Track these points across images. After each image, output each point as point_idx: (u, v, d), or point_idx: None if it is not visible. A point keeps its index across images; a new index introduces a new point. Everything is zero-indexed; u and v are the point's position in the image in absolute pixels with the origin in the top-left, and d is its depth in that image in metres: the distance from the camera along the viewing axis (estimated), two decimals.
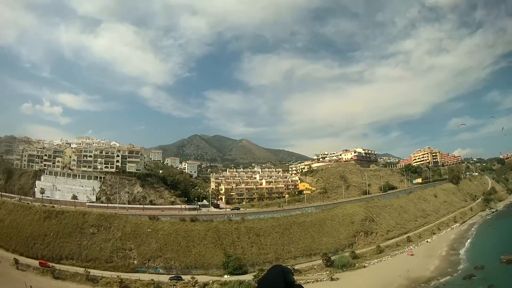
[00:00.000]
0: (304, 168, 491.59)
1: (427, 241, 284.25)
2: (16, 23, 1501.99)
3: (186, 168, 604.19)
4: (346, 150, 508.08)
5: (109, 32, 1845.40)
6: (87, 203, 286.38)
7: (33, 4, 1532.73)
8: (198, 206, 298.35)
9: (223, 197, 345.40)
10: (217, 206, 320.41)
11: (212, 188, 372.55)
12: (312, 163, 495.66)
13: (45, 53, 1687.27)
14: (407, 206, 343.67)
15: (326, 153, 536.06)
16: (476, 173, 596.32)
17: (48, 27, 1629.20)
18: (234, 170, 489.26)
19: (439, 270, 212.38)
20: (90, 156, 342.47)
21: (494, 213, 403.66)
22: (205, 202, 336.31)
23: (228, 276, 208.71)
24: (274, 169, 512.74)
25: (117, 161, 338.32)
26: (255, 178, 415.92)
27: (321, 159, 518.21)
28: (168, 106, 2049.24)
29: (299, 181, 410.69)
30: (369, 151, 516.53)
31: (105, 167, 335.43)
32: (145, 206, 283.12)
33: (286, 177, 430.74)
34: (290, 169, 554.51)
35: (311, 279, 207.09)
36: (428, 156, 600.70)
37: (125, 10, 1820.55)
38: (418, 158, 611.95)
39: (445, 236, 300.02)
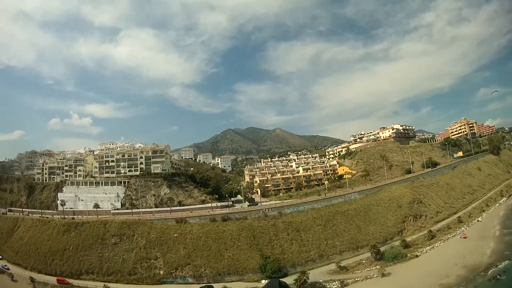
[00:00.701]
0: (341, 151, 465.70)
1: (477, 220, 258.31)
2: (33, 43, 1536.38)
3: (220, 163, 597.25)
4: (383, 127, 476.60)
5: (129, 39, 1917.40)
6: (111, 211, 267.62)
7: (47, 22, 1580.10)
8: (231, 203, 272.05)
9: (258, 190, 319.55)
10: (252, 200, 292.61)
11: (247, 182, 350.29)
12: (350, 145, 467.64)
13: (67, 68, 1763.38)
14: (453, 183, 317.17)
15: (362, 133, 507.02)
16: None
17: (66, 42, 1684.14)
18: (269, 160, 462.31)
19: (496, 254, 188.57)
20: (113, 161, 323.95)
21: None
22: (239, 197, 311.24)
23: (267, 280, 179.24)
24: (310, 155, 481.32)
25: (141, 163, 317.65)
26: (291, 166, 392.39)
27: (358, 140, 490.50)
28: (198, 104, 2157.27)
29: (337, 165, 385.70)
30: (407, 127, 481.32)
31: (129, 170, 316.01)
32: (172, 208, 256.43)
33: (323, 162, 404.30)
34: (326, 153, 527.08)
35: (360, 276, 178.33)
36: (465, 128, 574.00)
37: (142, 16, 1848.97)
38: (456, 131, 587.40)
39: (494, 213, 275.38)
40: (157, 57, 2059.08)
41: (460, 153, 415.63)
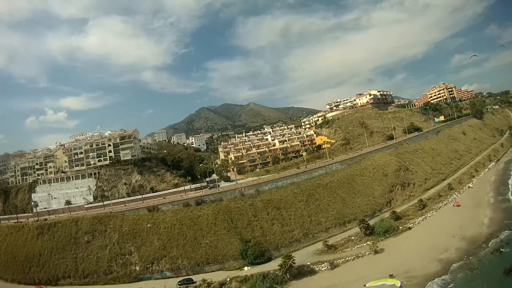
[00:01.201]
0: (317, 120, 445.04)
1: (468, 187, 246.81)
2: (3, 44, 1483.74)
3: (194, 143, 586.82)
4: (360, 94, 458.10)
5: (98, 28, 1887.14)
6: (85, 205, 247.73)
7: (16, 22, 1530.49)
8: (206, 184, 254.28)
9: (234, 167, 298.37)
10: (227, 179, 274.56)
11: (222, 159, 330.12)
12: (326, 114, 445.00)
13: (38, 65, 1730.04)
14: (439, 148, 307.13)
15: (338, 100, 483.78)
16: (497, 106, 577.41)
17: (36, 39, 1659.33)
18: (243, 135, 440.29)
19: (495, 223, 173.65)
20: (81, 153, 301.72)
21: None
22: (214, 176, 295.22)
23: (249, 267, 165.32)
24: (286, 127, 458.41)
25: (110, 151, 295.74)
26: (267, 139, 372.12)
27: (334, 108, 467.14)
28: (171, 85, 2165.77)
29: (315, 135, 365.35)
30: (385, 92, 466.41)
31: (98, 160, 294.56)
32: (144, 196, 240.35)
33: (300, 133, 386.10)
34: (302, 124, 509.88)
35: (350, 255, 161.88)
36: (444, 92, 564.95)
37: (109, 3, 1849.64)
38: (435, 95, 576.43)
39: (485, 179, 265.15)
40: (127, 43, 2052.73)
41: (442, 118, 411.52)
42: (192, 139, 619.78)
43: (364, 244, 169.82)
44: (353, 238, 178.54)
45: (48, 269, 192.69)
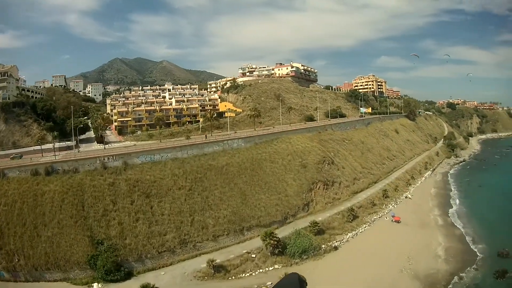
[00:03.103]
0: (225, 84, 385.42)
1: (406, 197, 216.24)
2: None
3: (91, 92, 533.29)
4: (281, 63, 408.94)
5: None
6: None
7: None
8: (74, 143, 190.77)
9: (110, 125, 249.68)
10: (101, 140, 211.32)
11: (107, 113, 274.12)
12: (237, 78, 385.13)
13: None
14: (370, 142, 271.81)
15: (254, 66, 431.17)
16: (431, 112, 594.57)
17: None
18: (139, 88, 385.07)
19: (453, 257, 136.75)
20: None
21: (462, 163, 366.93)
22: (91, 134, 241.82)
23: (100, 284, 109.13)
24: (188, 87, 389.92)
25: None
26: (164, 97, 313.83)
27: (247, 74, 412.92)
28: (91, 32, 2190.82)
29: (219, 99, 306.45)
30: (309, 68, 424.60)
31: None
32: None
33: (202, 95, 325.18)
34: (208, 86, 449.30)
35: (250, 286, 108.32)
36: (373, 84, 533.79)
37: None
38: (361, 85, 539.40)
39: (424, 189, 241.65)
40: None
41: (369, 110, 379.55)
42: (89, 88, 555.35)
43: (271, 269, 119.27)
44: (254, 256, 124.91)
45: None
